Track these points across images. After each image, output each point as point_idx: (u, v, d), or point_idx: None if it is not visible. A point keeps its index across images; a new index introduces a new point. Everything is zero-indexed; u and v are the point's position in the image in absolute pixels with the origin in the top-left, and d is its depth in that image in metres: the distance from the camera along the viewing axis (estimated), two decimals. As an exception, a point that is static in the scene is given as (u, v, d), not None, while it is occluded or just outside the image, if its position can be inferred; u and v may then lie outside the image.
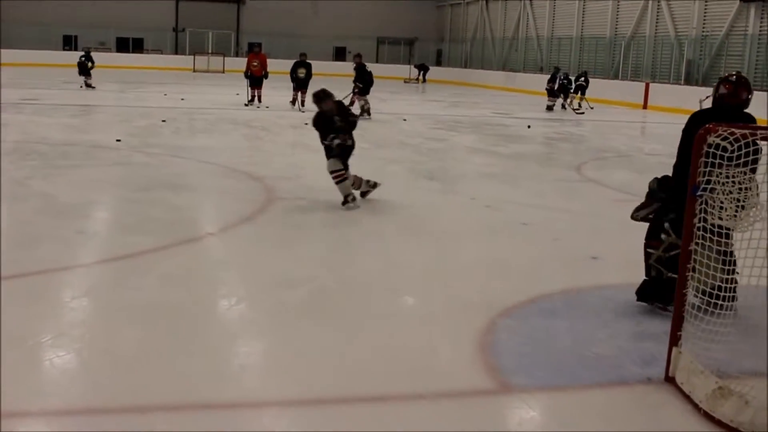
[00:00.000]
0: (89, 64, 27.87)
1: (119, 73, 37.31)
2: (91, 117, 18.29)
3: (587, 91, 28.14)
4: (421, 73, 46.03)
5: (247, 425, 3.88)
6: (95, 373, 4.40)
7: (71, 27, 46.93)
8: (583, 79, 28.77)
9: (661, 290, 5.68)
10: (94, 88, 27.35)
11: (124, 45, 48.55)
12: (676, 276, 5.34)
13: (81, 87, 27.29)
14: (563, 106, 26.98)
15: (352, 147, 9.14)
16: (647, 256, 5.79)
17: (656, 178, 5.99)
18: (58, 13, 46.27)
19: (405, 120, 21.52)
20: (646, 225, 5.91)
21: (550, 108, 26.71)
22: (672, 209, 5.51)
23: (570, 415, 4.16)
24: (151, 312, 5.35)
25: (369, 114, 20.29)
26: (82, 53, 28.86)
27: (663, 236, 5.68)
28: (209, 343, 4.87)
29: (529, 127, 20.63)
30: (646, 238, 5.85)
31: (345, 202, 8.87)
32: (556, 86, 27.38)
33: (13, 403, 3.83)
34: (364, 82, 21.02)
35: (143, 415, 3.88)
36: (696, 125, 5.28)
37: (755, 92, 5.75)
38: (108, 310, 5.48)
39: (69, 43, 47.08)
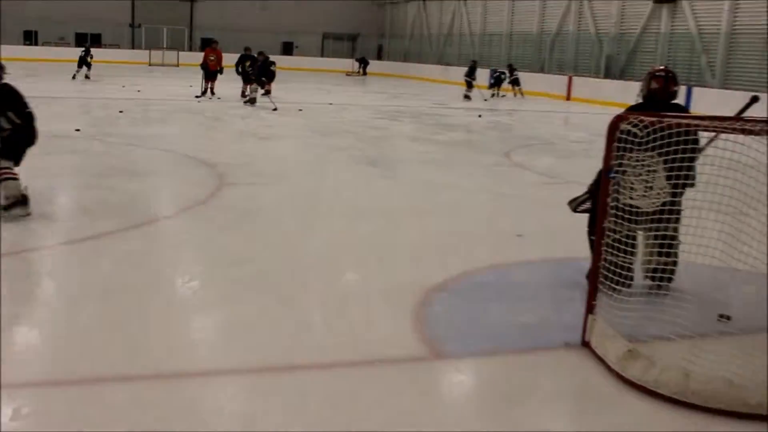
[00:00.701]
0: (89, 58, 29.21)
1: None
2: (52, 108, 17.86)
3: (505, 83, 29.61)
4: (362, 66, 46.05)
5: (198, 392, 3.90)
6: (56, 347, 4.38)
7: (31, 22, 45.81)
8: (516, 72, 29.52)
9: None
10: (89, 78, 28.21)
11: (82, 40, 47.24)
12: (626, 257, 5.51)
13: (83, 78, 28.13)
14: (493, 95, 27.61)
15: (21, 142, 7.01)
16: (592, 243, 5.75)
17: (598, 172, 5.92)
18: (17, 9, 44.95)
19: (331, 104, 22.15)
20: (566, 205, 6.00)
21: (467, 98, 27.05)
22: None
23: (497, 379, 4.24)
24: (109, 290, 5.30)
25: (253, 103, 20.31)
26: (83, 49, 29.89)
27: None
28: (163, 318, 4.85)
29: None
30: (588, 226, 5.73)
31: (9, 207, 6.90)
32: (491, 80, 28.24)
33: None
34: (267, 75, 21.12)
35: (102, 385, 3.86)
36: None
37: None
38: (68, 288, 5.43)
39: (29, 38, 46.02)
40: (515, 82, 30.03)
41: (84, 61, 29.31)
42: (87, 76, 28.57)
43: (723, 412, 3.79)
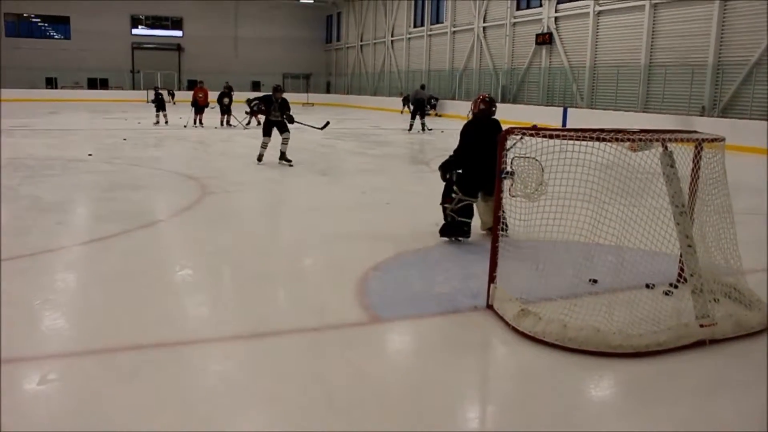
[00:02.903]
0: (168, 98, 25.94)
1: (90, 104, 35.71)
2: (68, 138, 17.38)
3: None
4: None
5: (192, 355, 3.83)
6: (75, 325, 4.27)
7: (52, 71, 45.09)
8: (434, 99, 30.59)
9: (455, 229, 6.34)
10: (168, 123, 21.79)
11: (93, 83, 46.77)
12: (464, 220, 6.23)
13: (163, 123, 21.78)
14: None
15: None
16: (444, 209, 6.36)
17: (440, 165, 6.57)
18: (41, 60, 44.69)
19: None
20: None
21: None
22: (454, 179, 6.34)
23: (421, 336, 4.25)
24: (117, 278, 5.18)
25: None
26: (159, 92, 22.47)
27: (453, 195, 6.25)
28: (161, 298, 4.75)
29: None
30: (442, 198, 6.42)
31: None
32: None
33: (14, 350, 3.72)
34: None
35: (113, 354, 3.78)
36: (470, 127, 6.51)
37: (547, 108, 6.01)
38: (83, 278, 5.28)
39: (50, 83, 45.14)
40: (434, 107, 31.03)
41: (162, 104, 21.37)
42: (166, 121, 21.51)
43: (592, 352, 3.85)
